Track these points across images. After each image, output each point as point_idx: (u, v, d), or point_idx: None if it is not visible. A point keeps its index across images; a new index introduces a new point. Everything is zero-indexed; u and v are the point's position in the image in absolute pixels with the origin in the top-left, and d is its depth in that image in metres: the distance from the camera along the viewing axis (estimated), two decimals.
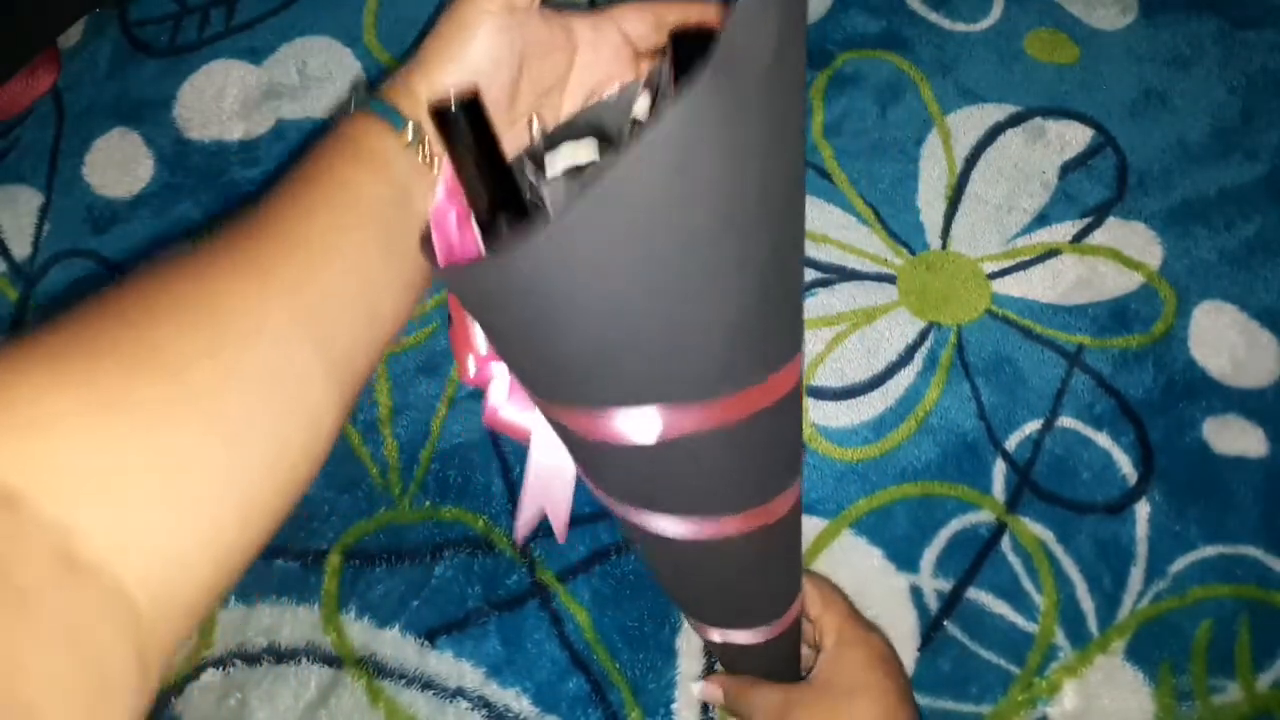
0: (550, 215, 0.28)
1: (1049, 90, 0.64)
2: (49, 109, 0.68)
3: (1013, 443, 0.55)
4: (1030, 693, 0.50)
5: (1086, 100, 0.64)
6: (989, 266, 0.59)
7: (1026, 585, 0.52)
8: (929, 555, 0.53)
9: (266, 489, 0.24)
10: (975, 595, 0.52)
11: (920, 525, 0.54)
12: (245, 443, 0.23)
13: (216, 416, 0.22)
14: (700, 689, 0.48)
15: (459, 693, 0.51)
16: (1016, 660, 0.51)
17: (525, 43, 0.31)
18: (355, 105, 0.30)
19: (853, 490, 0.54)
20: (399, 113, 0.29)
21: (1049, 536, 0.53)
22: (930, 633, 0.52)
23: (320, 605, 0.53)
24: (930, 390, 0.56)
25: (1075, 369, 0.57)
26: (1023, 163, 0.62)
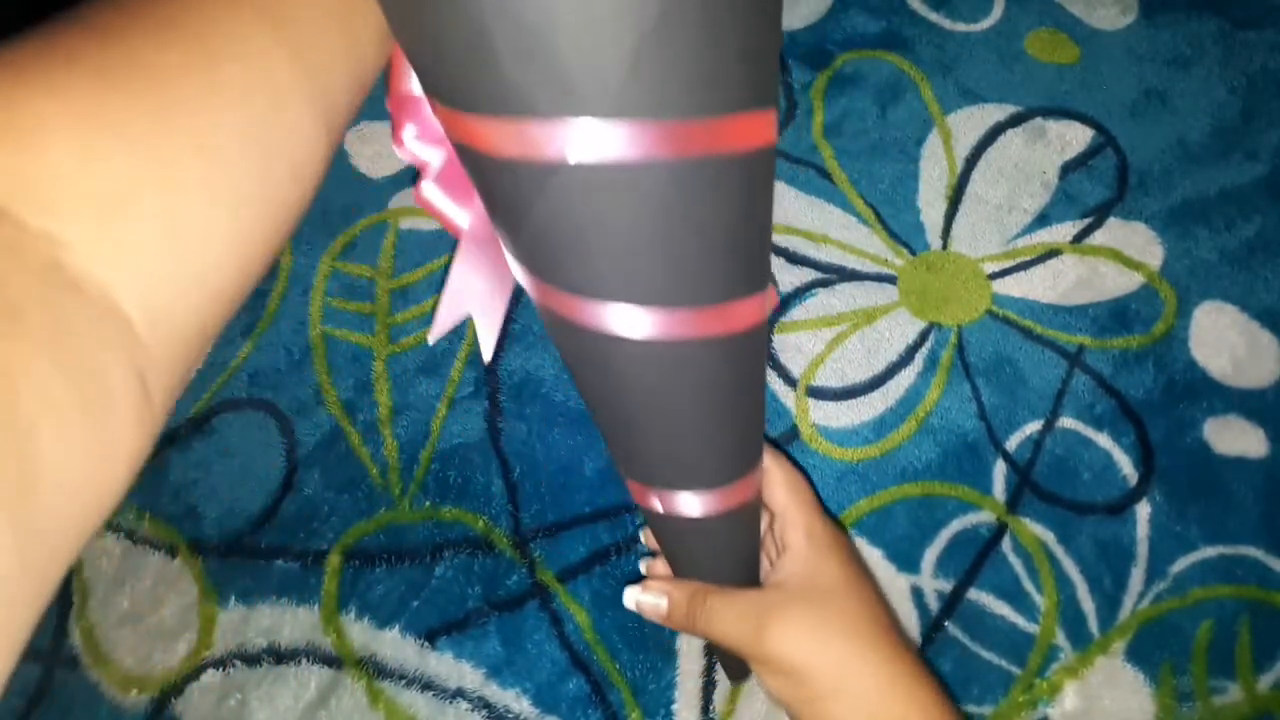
0: None
1: (1049, 90, 0.64)
2: None
3: (1013, 443, 0.55)
4: (1031, 693, 0.50)
5: (1087, 100, 0.64)
6: (989, 267, 0.59)
7: (1027, 586, 0.52)
8: (929, 555, 0.53)
9: (254, 213, 0.23)
10: (976, 596, 0.52)
11: (921, 525, 0.54)
12: (230, 160, 0.22)
13: (200, 130, 0.21)
14: (634, 594, 0.40)
15: (459, 693, 0.51)
16: (1017, 661, 0.51)
17: None
18: None
19: (853, 490, 0.54)
20: None
21: (1049, 537, 0.53)
22: (931, 633, 0.52)
23: (320, 606, 0.53)
24: (931, 391, 0.56)
25: (1076, 369, 0.57)
26: (1023, 163, 0.62)
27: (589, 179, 0.23)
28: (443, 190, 0.32)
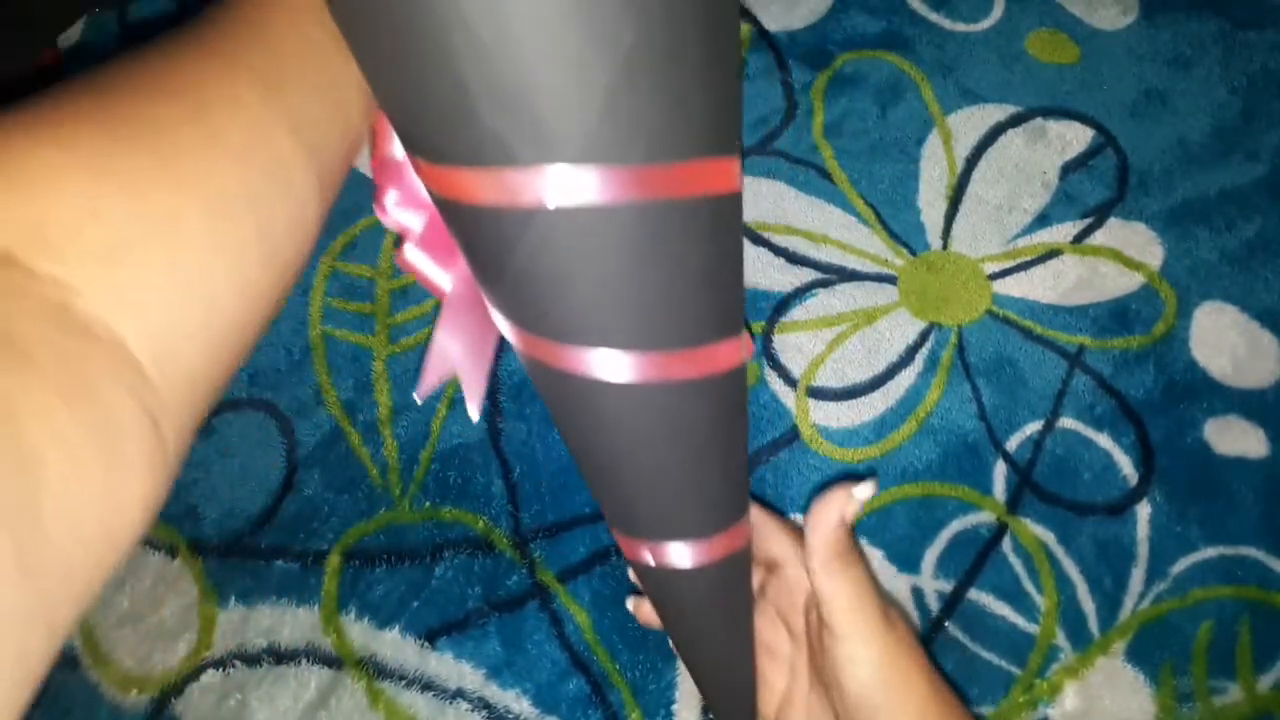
0: None
1: (1050, 90, 0.64)
2: None
3: (1013, 443, 0.55)
4: (1031, 694, 0.50)
5: (1087, 100, 0.64)
6: (990, 267, 0.59)
7: (1027, 586, 0.52)
8: (930, 556, 0.53)
9: (255, 264, 0.23)
10: (976, 596, 0.52)
11: (921, 526, 0.54)
12: (231, 213, 0.23)
13: (201, 182, 0.22)
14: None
15: (459, 694, 0.51)
16: (1017, 661, 0.51)
17: None
18: None
19: None
20: None
21: (1050, 537, 0.53)
22: (931, 634, 0.52)
23: (320, 606, 0.53)
24: (931, 391, 0.56)
25: (1076, 370, 0.57)
26: (1023, 163, 0.62)
27: (565, 222, 0.25)
28: (426, 253, 0.33)
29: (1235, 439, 0.55)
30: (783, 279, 0.60)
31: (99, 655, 0.51)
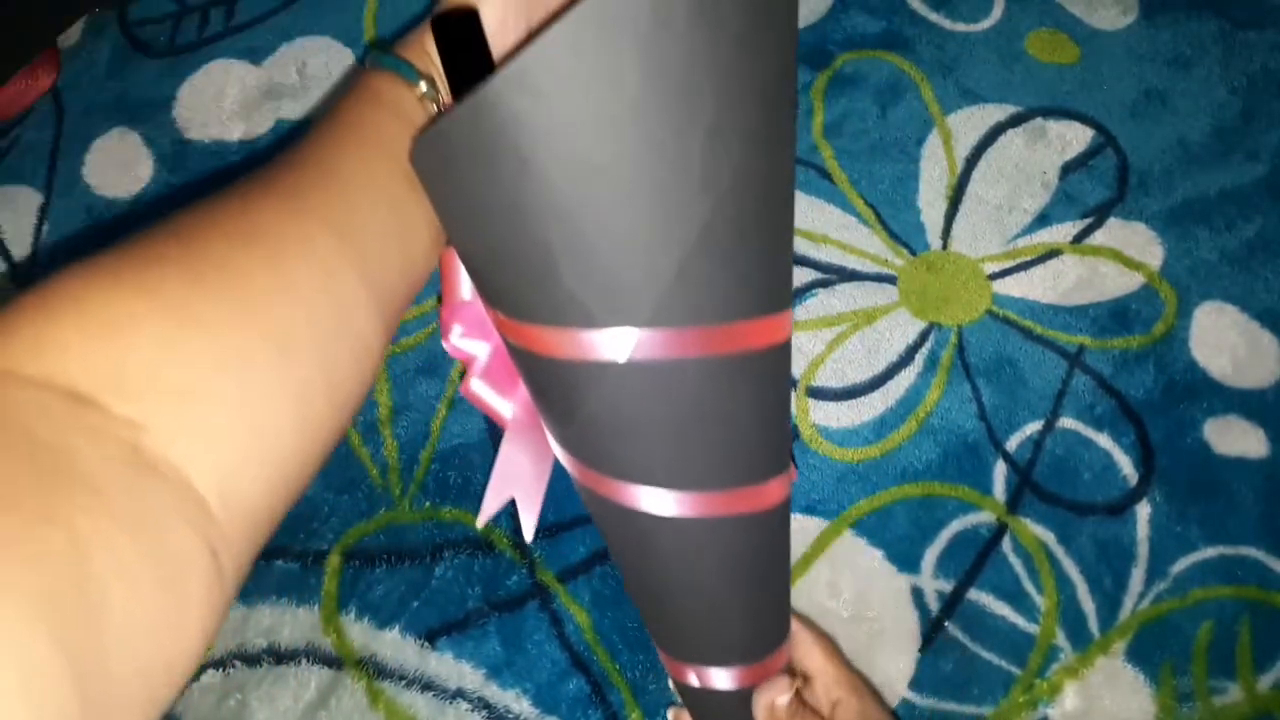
0: None
1: (1050, 90, 0.64)
2: (49, 109, 0.68)
3: (1013, 443, 0.55)
4: (1031, 694, 0.50)
5: (1087, 100, 0.64)
6: (990, 267, 0.59)
7: (1027, 586, 0.52)
8: (930, 556, 0.53)
9: (319, 401, 0.24)
10: (976, 596, 0.52)
11: (921, 526, 0.54)
12: (299, 354, 0.24)
13: (273, 326, 0.23)
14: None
15: (459, 694, 0.51)
16: (1017, 661, 0.51)
17: (532, 10, 0.32)
18: (370, 62, 0.32)
19: (853, 491, 0.54)
20: (413, 67, 0.31)
21: (1050, 537, 0.53)
22: (931, 634, 0.52)
23: (320, 606, 0.53)
24: (931, 391, 0.56)
25: (1076, 370, 0.57)
26: (1023, 163, 0.62)
27: (634, 375, 0.27)
28: (489, 385, 0.36)
29: (1235, 439, 0.55)
30: None
31: None
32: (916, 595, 0.52)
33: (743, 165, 0.25)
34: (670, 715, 0.45)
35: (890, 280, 0.59)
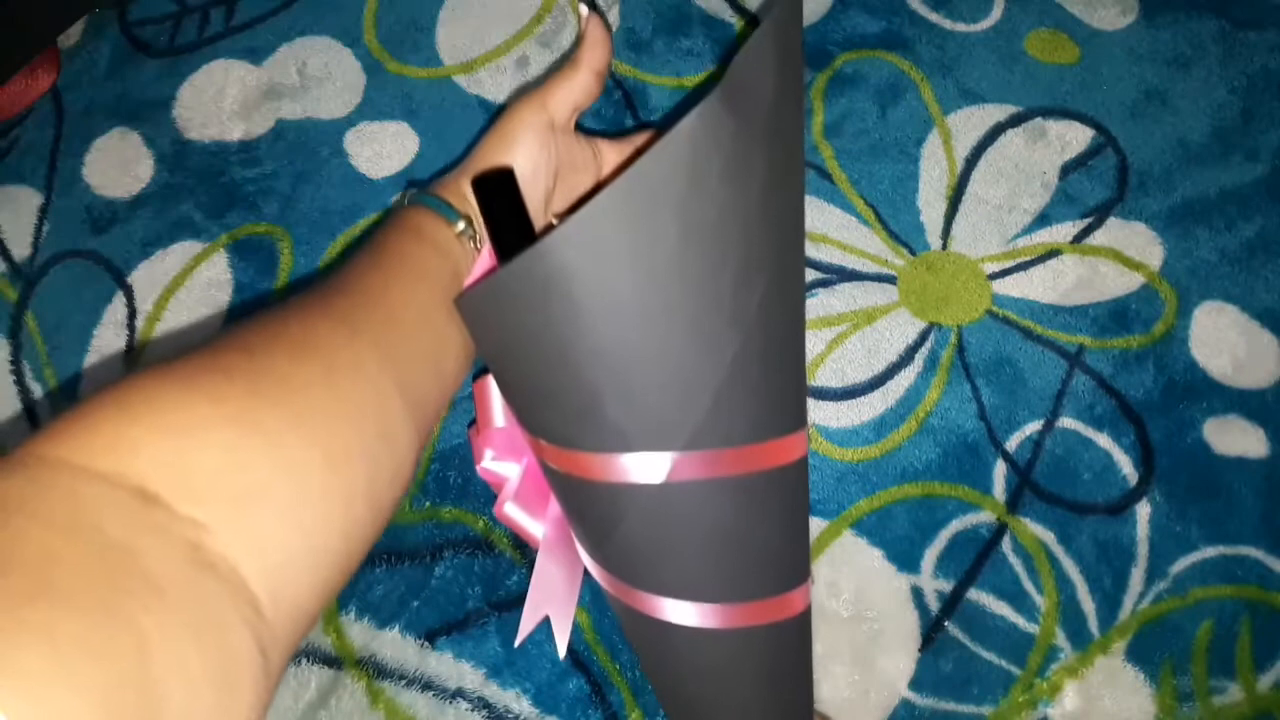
0: None
1: (1049, 90, 0.64)
2: (49, 109, 0.68)
3: (1013, 443, 0.55)
4: (1031, 694, 0.50)
5: (1087, 100, 0.64)
6: (989, 267, 0.59)
7: (1027, 586, 0.52)
8: (929, 556, 0.53)
9: (361, 509, 0.27)
10: (976, 596, 0.52)
11: (921, 526, 0.54)
12: (347, 464, 0.26)
13: (325, 439, 0.25)
14: None
15: (459, 693, 0.51)
16: (1017, 661, 0.51)
17: (560, 157, 0.36)
18: (411, 199, 0.36)
19: (853, 490, 0.54)
20: (452, 207, 0.35)
21: (1050, 537, 0.53)
22: (931, 633, 0.52)
23: None
24: (931, 391, 0.56)
25: (1076, 369, 0.57)
26: (1023, 163, 0.62)
27: (669, 495, 0.29)
28: (521, 508, 0.38)
29: (1235, 439, 0.55)
30: None
31: None
32: (916, 595, 0.52)
33: (765, 298, 0.28)
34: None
35: (890, 280, 0.59)
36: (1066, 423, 0.55)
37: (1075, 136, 0.63)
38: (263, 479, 0.24)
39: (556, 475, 0.32)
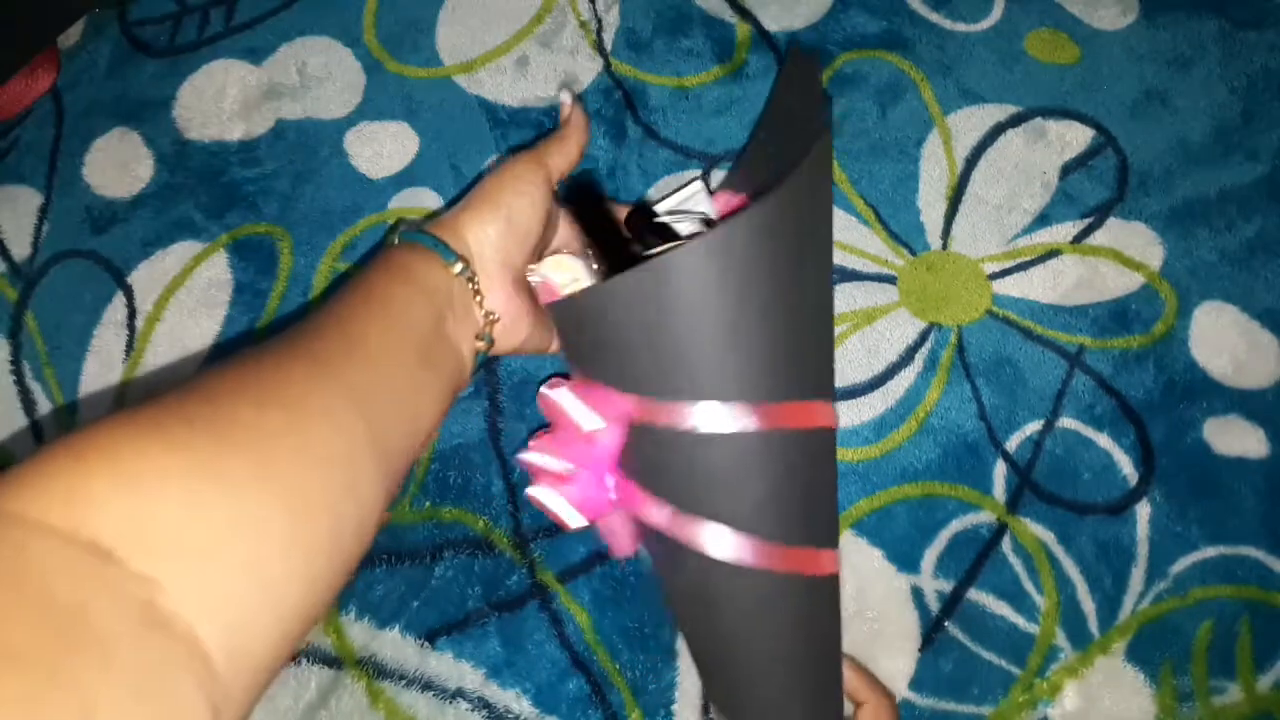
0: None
1: (1050, 90, 0.64)
2: (48, 109, 0.68)
3: (1013, 443, 0.55)
4: (1031, 694, 0.50)
5: (1087, 100, 0.64)
6: (989, 267, 0.59)
7: (1027, 586, 0.52)
8: (930, 556, 0.53)
9: (323, 562, 0.26)
10: (976, 596, 0.52)
11: (921, 526, 0.54)
12: (310, 518, 0.25)
13: (288, 491, 0.25)
14: None
15: (459, 694, 0.51)
16: (1017, 661, 0.51)
17: (547, 212, 0.39)
18: (403, 237, 0.37)
19: (853, 490, 0.54)
20: (449, 248, 0.36)
21: (1050, 537, 0.53)
22: (931, 633, 0.52)
23: None
24: (931, 391, 0.56)
25: (1076, 370, 0.57)
26: (1023, 163, 0.62)
27: (716, 441, 0.35)
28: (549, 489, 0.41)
29: (1235, 439, 0.55)
30: None
31: None
32: (916, 595, 0.52)
33: (812, 294, 0.37)
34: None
35: (890, 280, 0.59)
36: (1066, 423, 0.55)
37: (1075, 136, 0.63)
38: (222, 532, 0.23)
39: (643, 429, 0.36)
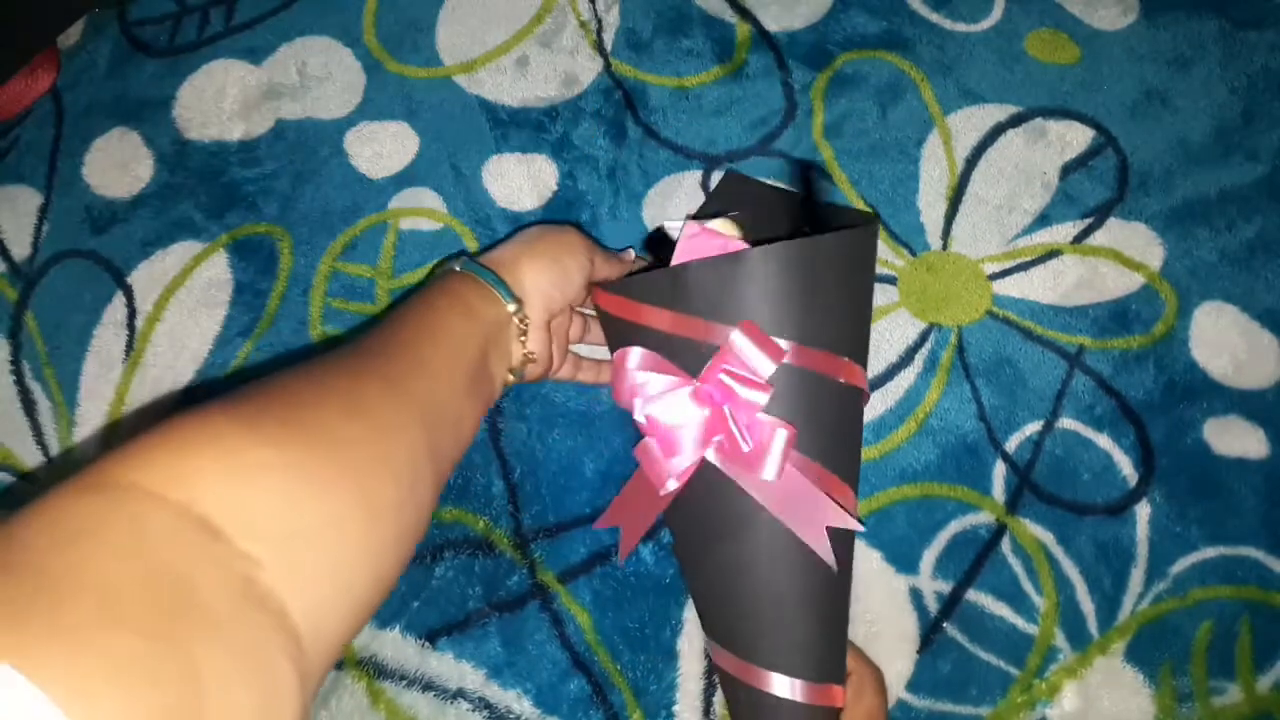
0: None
1: (1050, 90, 0.64)
2: (48, 109, 0.68)
3: (1013, 444, 0.55)
4: (1030, 694, 0.50)
5: (1087, 100, 0.64)
6: (990, 267, 0.59)
7: (1026, 587, 0.52)
8: (929, 557, 0.53)
9: (389, 558, 0.29)
10: (975, 597, 0.52)
11: (920, 527, 0.54)
12: (381, 519, 0.29)
13: (367, 492, 0.28)
14: None
15: (460, 694, 0.51)
16: (1016, 662, 0.51)
17: (587, 280, 0.45)
18: (465, 266, 0.42)
19: None
20: (508, 288, 0.41)
21: (1049, 538, 0.53)
22: (930, 634, 0.52)
23: None
24: (930, 391, 0.56)
25: (1076, 370, 0.57)
26: (1023, 163, 0.62)
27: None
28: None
29: (1235, 439, 0.55)
30: None
31: None
32: (915, 596, 0.52)
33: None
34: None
35: (890, 281, 0.59)
36: (1066, 423, 0.55)
37: (1075, 136, 0.63)
38: (311, 524, 0.26)
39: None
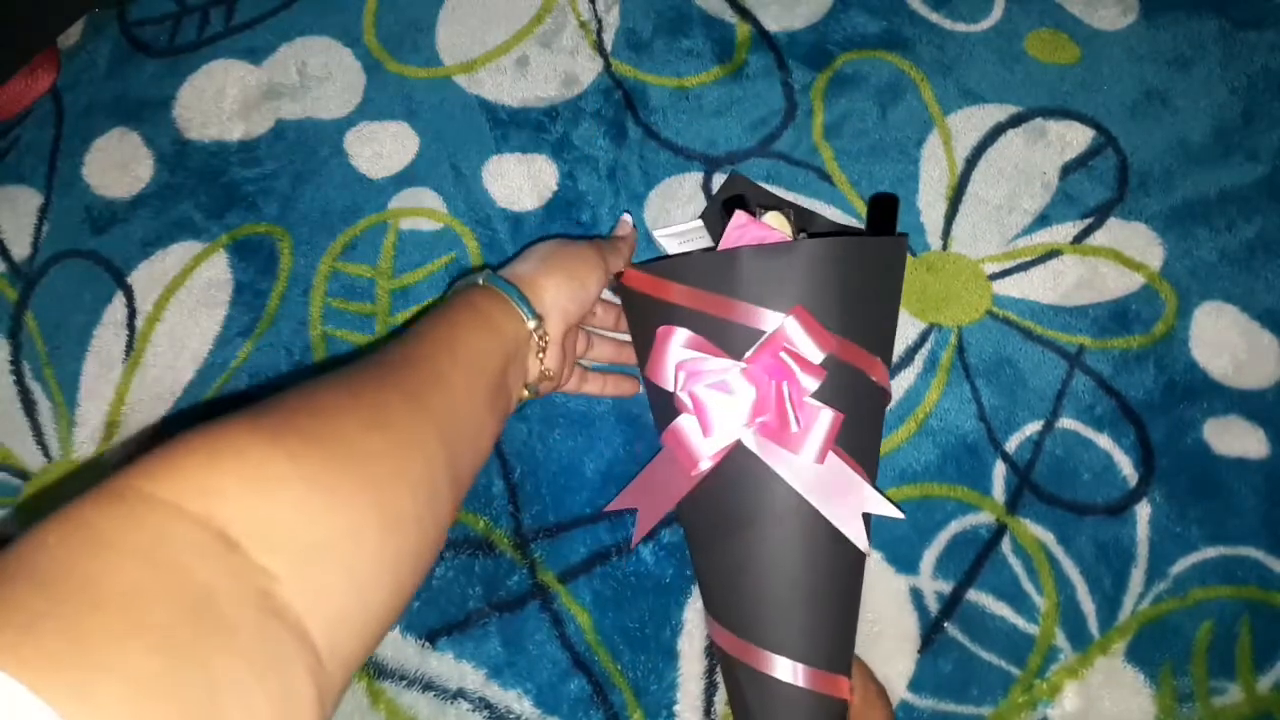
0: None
1: (1050, 90, 0.64)
2: (48, 109, 0.68)
3: (1013, 444, 0.55)
4: (1031, 694, 0.50)
5: (1087, 101, 0.64)
6: (990, 267, 0.59)
7: (1027, 587, 0.52)
8: (929, 557, 0.53)
9: (406, 571, 0.29)
10: (975, 597, 0.52)
11: (920, 527, 0.54)
12: (399, 533, 0.29)
13: (384, 508, 0.28)
14: None
15: (460, 694, 0.51)
16: (1017, 662, 0.51)
17: (602, 290, 0.46)
18: (487, 280, 0.42)
19: None
20: (530, 304, 0.42)
21: (1049, 538, 0.53)
22: (930, 634, 0.52)
23: None
24: (930, 392, 0.56)
25: (1076, 370, 0.57)
26: (1023, 163, 0.62)
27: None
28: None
29: (1235, 439, 0.55)
30: None
31: None
32: (916, 596, 0.52)
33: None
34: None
35: None
36: (1066, 423, 0.55)
37: (1075, 136, 0.63)
38: (328, 537, 0.26)
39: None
